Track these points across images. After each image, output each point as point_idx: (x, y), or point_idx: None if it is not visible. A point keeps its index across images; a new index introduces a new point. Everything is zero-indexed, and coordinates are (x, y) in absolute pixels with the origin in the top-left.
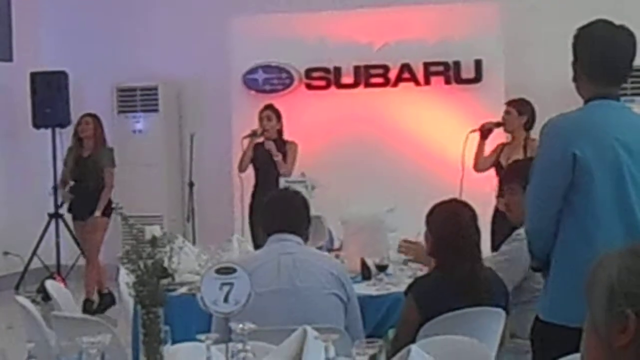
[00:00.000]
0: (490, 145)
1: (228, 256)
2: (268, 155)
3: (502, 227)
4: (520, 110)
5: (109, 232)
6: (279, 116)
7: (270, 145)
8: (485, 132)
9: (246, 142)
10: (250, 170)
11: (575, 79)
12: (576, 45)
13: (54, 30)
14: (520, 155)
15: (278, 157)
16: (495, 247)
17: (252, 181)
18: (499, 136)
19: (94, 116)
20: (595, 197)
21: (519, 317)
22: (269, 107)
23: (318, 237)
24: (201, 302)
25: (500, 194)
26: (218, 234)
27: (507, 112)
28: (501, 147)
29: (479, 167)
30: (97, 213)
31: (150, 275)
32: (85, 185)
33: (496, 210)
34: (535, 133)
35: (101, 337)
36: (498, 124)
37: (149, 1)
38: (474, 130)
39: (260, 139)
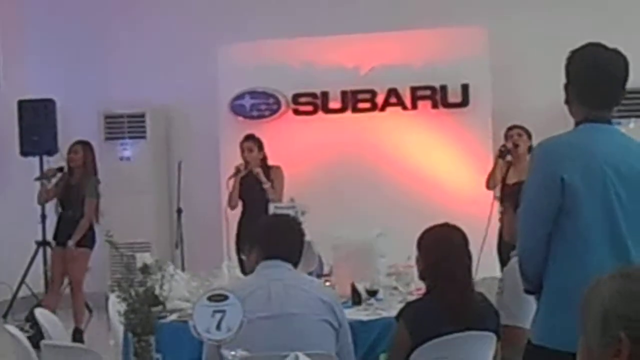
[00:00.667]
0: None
1: (218, 283)
2: (254, 183)
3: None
4: (529, 134)
5: (96, 260)
6: (260, 145)
7: (259, 172)
8: (504, 153)
9: (231, 182)
10: None
11: (567, 102)
12: (568, 68)
13: (40, 58)
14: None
15: (267, 185)
16: (503, 263)
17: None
18: None
19: (85, 143)
20: (584, 220)
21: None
22: (250, 137)
23: (308, 262)
24: (193, 330)
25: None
26: (207, 261)
27: (519, 135)
28: (507, 168)
29: (490, 185)
30: (71, 243)
31: (142, 303)
32: (69, 214)
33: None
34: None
35: None
36: (515, 146)
37: (136, 29)
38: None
39: (244, 173)
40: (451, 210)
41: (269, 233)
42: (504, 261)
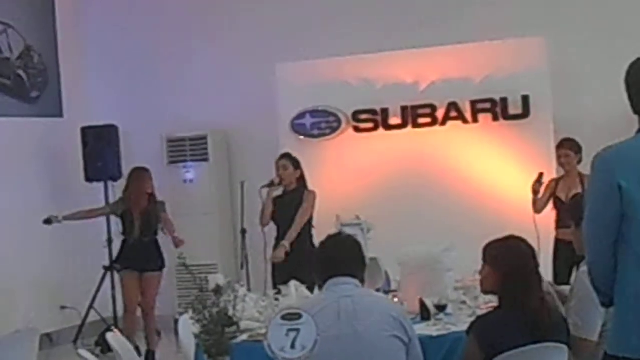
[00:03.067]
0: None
1: (286, 302)
2: (290, 207)
3: (563, 255)
4: (575, 149)
5: (163, 283)
6: (296, 164)
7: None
8: (537, 188)
9: (265, 191)
10: None
11: (635, 112)
12: (628, 78)
13: (102, 85)
14: (579, 189)
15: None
16: (556, 274)
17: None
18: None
19: (145, 170)
20: None
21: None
22: (285, 156)
23: (375, 279)
24: (268, 349)
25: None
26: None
27: (566, 156)
28: (554, 184)
29: (538, 209)
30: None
31: (216, 324)
32: (145, 240)
33: (556, 240)
34: (583, 167)
35: None
36: (541, 176)
37: (195, 51)
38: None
39: (279, 191)
40: (515, 222)
41: (324, 254)
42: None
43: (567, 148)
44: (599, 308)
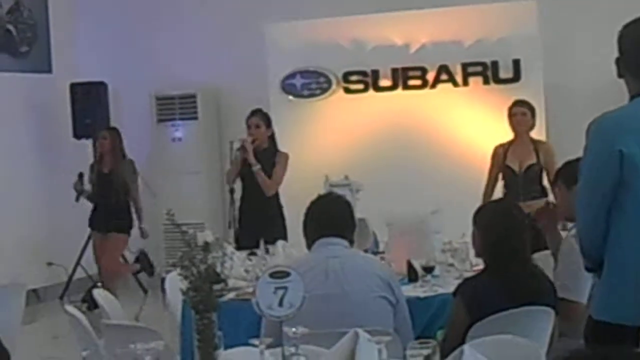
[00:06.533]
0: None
1: (274, 261)
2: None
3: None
4: (531, 111)
5: (149, 242)
6: (268, 122)
7: (246, 152)
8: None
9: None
10: None
11: (620, 75)
12: (621, 42)
13: (91, 42)
14: (533, 160)
15: (257, 167)
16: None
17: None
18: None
19: (112, 129)
20: None
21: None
22: (257, 112)
23: (363, 240)
24: (256, 307)
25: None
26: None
27: (523, 114)
28: (502, 151)
29: (487, 193)
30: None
31: (204, 280)
32: (106, 201)
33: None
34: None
35: (155, 343)
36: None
37: (185, 10)
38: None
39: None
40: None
41: (313, 214)
42: None
43: (524, 107)
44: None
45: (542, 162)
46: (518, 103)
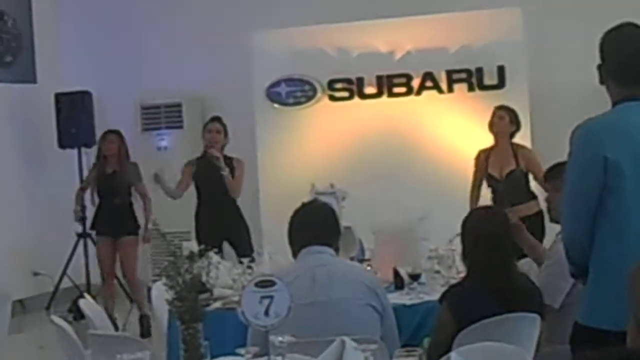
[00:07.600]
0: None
1: (260, 270)
2: (214, 172)
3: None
4: (512, 119)
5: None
6: (226, 131)
7: (218, 156)
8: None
9: (187, 170)
10: None
11: (601, 82)
12: (602, 48)
13: (76, 51)
14: (512, 166)
15: (226, 172)
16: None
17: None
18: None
19: (117, 133)
20: (628, 197)
21: (554, 321)
22: (218, 118)
23: (349, 248)
24: (242, 316)
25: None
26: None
27: (501, 118)
28: (484, 157)
29: (474, 200)
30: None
31: (189, 290)
32: (110, 203)
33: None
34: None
35: (141, 354)
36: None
37: (171, 18)
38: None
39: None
40: (488, 192)
41: (298, 222)
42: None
43: (503, 111)
44: (567, 278)
45: (522, 167)
46: (498, 107)
